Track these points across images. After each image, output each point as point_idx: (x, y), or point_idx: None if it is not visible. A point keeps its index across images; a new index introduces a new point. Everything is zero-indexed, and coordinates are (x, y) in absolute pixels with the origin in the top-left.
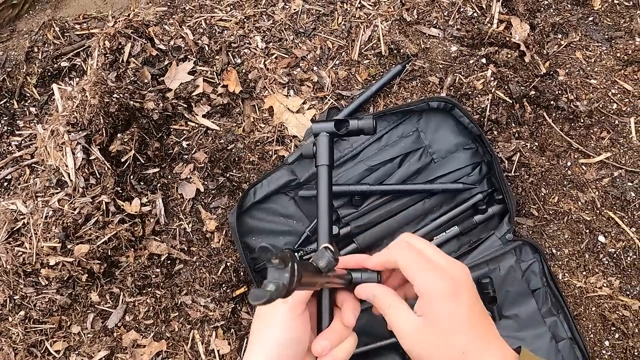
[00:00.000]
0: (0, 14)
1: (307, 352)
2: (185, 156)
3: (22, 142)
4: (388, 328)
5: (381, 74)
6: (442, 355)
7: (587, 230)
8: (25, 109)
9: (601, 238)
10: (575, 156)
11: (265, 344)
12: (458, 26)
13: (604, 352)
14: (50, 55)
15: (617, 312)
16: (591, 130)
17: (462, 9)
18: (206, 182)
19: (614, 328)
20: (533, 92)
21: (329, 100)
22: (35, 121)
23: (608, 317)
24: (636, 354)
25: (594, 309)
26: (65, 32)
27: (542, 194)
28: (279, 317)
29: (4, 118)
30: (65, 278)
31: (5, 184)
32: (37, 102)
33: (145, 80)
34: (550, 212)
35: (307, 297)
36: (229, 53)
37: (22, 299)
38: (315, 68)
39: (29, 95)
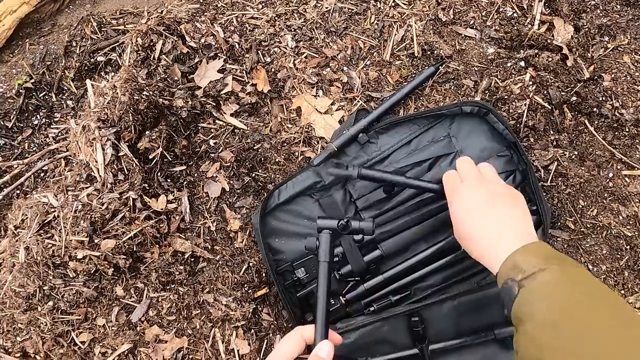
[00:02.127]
0: (42, 8)
1: None
2: (212, 155)
3: (59, 134)
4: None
5: (413, 75)
6: (466, 227)
7: (628, 247)
8: (63, 102)
9: None
10: (618, 167)
11: None
12: (496, 27)
13: None
14: (87, 50)
15: None
16: (637, 140)
17: (501, 9)
18: (232, 182)
19: None
20: (574, 98)
21: (358, 101)
22: (71, 114)
23: None
24: None
25: None
26: (102, 27)
27: (580, 206)
28: None
29: (43, 110)
30: (92, 271)
31: (42, 174)
32: (74, 95)
33: (175, 78)
34: (588, 226)
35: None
36: (259, 51)
37: (50, 289)
38: (345, 68)
39: (66, 88)
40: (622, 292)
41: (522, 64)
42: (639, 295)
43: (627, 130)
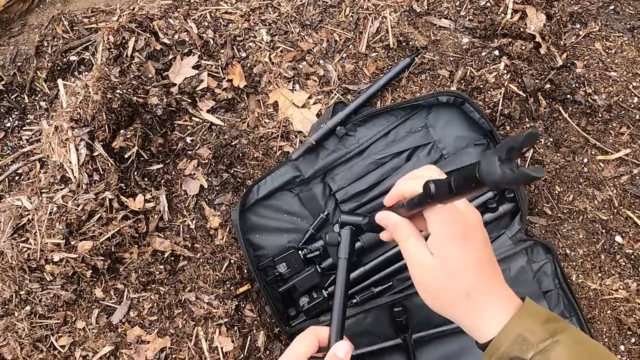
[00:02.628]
0: (11, 8)
1: None
2: (189, 152)
3: (32, 136)
4: (403, 258)
5: (389, 67)
6: (447, 292)
7: (604, 230)
8: (36, 103)
9: (618, 238)
10: (592, 153)
11: None
12: (470, 17)
13: (618, 357)
14: (59, 50)
15: (634, 315)
16: (610, 126)
17: None
18: (210, 179)
19: (630, 332)
20: (548, 86)
21: (335, 94)
22: (45, 115)
23: (624, 321)
24: None
25: (609, 312)
26: (74, 26)
27: (556, 192)
28: None
29: (15, 112)
30: (69, 274)
31: (17, 177)
32: (47, 96)
33: (150, 75)
34: (565, 211)
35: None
36: (234, 47)
37: (27, 294)
38: (321, 61)
39: (39, 89)
40: (600, 275)
41: (497, 52)
42: (615, 278)
43: (600, 115)
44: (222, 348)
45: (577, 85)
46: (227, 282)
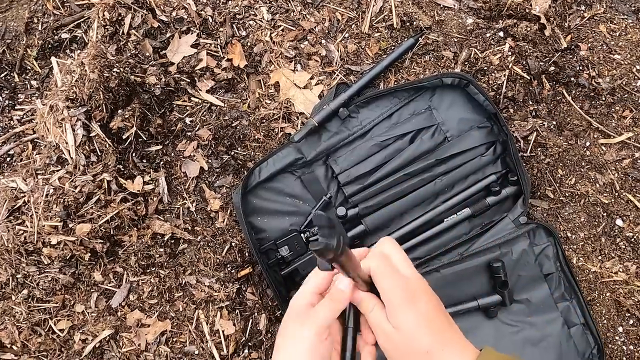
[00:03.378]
0: None
1: None
2: (189, 133)
3: (24, 116)
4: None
5: (392, 48)
6: (409, 355)
7: (605, 214)
8: (27, 82)
9: (619, 222)
10: (595, 136)
11: None
12: None
13: (617, 338)
14: (50, 27)
15: (633, 297)
16: (613, 109)
17: None
18: (210, 160)
19: (629, 314)
20: (552, 68)
21: (337, 75)
22: (36, 95)
23: (623, 303)
24: None
25: (608, 294)
26: (65, 2)
27: (559, 176)
28: (308, 342)
29: (5, 91)
30: (67, 257)
31: (8, 159)
32: (39, 75)
33: (147, 54)
34: (567, 195)
35: (331, 322)
36: (234, 25)
37: (24, 277)
38: (323, 41)
39: (29, 68)
40: (600, 258)
41: (501, 34)
42: (615, 261)
43: (604, 99)
44: (223, 331)
45: (581, 68)
46: (228, 265)
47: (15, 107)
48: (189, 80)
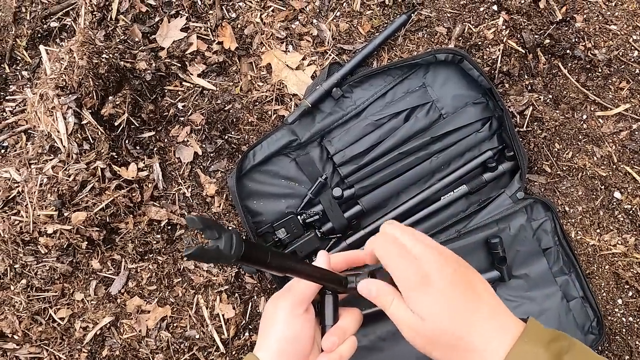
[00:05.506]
0: None
1: (311, 350)
2: (182, 118)
3: (16, 107)
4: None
5: (385, 25)
6: (439, 343)
7: (603, 187)
8: (17, 73)
9: (617, 194)
10: (592, 109)
11: (268, 341)
12: None
13: (616, 310)
14: (39, 16)
15: (632, 270)
16: (609, 81)
17: None
18: (204, 145)
19: (628, 286)
20: (548, 41)
21: (330, 55)
22: (27, 85)
23: (622, 275)
24: None
25: (607, 267)
26: None
27: (556, 150)
28: (282, 315)
29: None
30: (64, 246)
31: (2, 150)
32: (29, 65)
33: (136, 39)
34: (564, 169)
35: (310, 297)
36: (223, 7)
37: (22, 267)
38: (314, 21)
39: (20, 58)
40: (598, 231)
41: (495, 8)
42: (613, 234)
43: (600, 70)
44: (223, 315)
45: (576, 39)
46: None
47: (7, 98)
48: (179, 65)
